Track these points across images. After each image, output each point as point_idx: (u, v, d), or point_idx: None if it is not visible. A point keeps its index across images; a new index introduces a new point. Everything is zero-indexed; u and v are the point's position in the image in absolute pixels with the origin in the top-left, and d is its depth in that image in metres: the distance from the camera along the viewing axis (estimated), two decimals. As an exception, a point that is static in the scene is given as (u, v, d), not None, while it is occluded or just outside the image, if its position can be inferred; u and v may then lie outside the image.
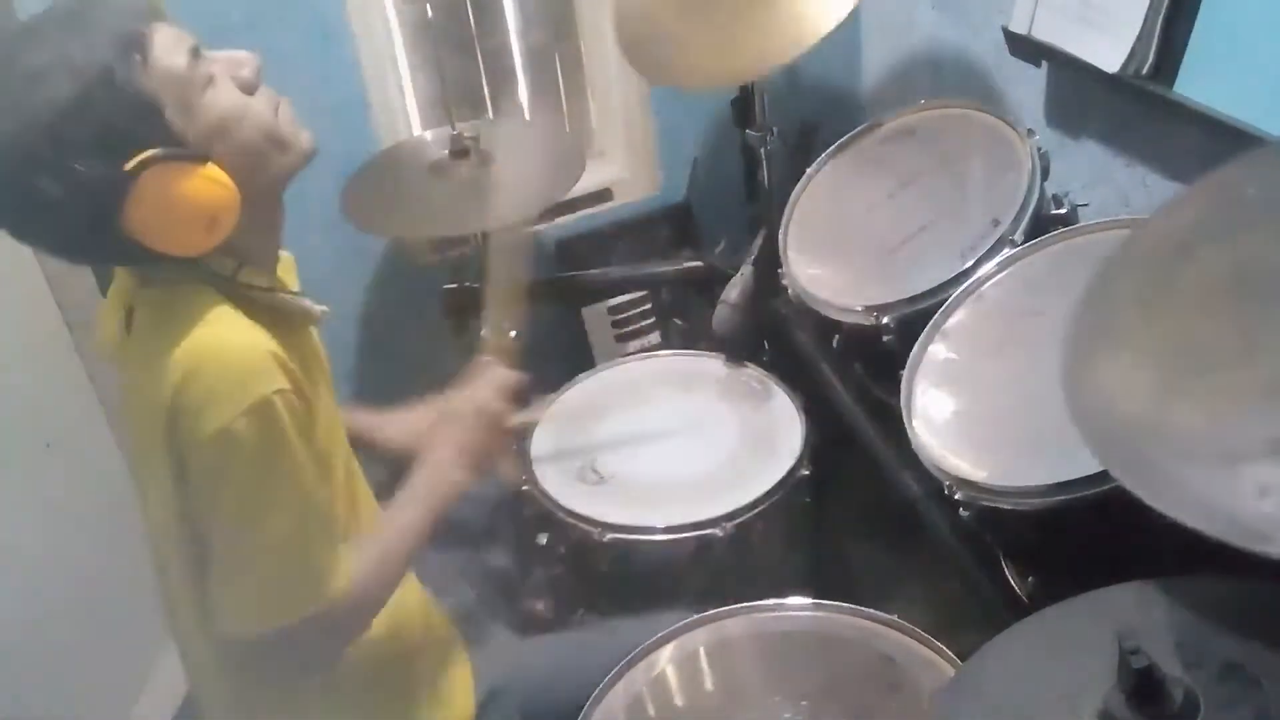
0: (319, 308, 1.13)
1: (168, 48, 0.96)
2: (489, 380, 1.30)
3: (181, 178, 0.95)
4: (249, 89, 1.03)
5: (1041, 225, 1.43)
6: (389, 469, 1.27)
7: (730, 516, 1.47)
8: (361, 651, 1.17)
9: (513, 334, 1.91)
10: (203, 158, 0.97)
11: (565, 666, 1.32)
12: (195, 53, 0.99)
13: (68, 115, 0.90)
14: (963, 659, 1.03)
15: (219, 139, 0.99)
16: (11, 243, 1.00)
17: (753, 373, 1.75)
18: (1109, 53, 1.41)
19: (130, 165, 0.92)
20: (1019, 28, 1.59)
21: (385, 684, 1.20)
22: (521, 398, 1.32)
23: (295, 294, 1.12)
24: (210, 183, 0.97)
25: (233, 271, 1.04)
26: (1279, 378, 0.78)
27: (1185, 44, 1.32)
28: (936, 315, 1.40)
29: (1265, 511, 0.70)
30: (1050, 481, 1.11)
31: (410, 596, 1.25)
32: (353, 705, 1.19)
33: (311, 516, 1.03)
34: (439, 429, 1.26)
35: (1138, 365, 0.88)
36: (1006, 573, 1.36)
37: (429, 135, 2.00)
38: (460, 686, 1.28)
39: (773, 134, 1.86)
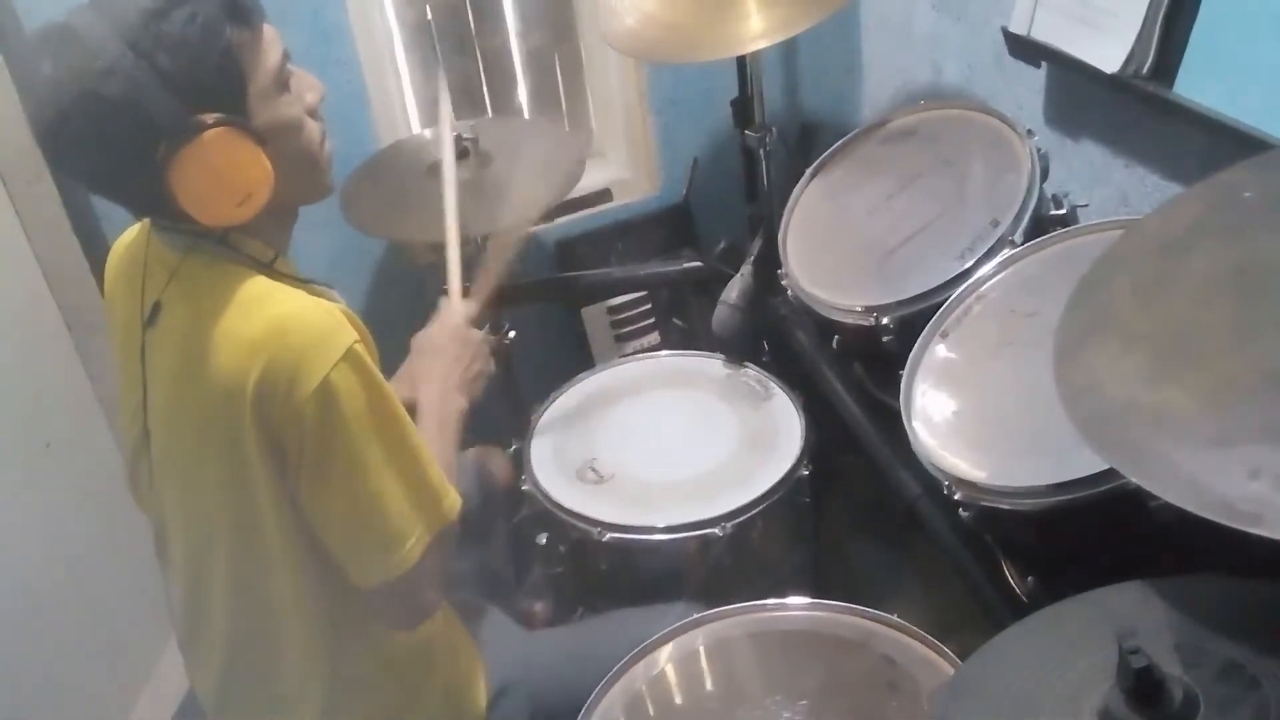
0: (339, 300, 1.15)
1: (270, 41, 1.03)
2: (451, 308, 1.38)
3: (239, 148, 0.99)
4: (310, 112, 1.09)
5: (1041, 226, 1.43)
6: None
7: (730, 516, 1.47)
8: (372, 642, 1.18)
9: (511, 334, 1.91)
10: (262, 139, 1.01)
11: (574, 658, 1.34)
12: (285, 57, 1.06)
13: (169, 49, 0.94)
14: (963, 659, 1.03)
15: (275, 138, 1.03)
16: (11, 242, 1.00)
17: (753, 373, 1.75)
18: (1109, 53, 1.41)
19: (209, 119, 0.96)
20: (1019, 28, 1.59)
21: (400, 679, 1.21)
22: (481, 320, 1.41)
23: (325, 285, 1.14)
24: (259, 164, 1.01)
25: (271, 260, 1.08)
26: (1272, 365, 0.78)
27: (1185, 44, 1.32)
28: (936, 316, 1.40)
29: (1256, 492, 0.70)
30: (1050, 482, 1.11)
31: None
32: (370, 701, 1.19)
33: (418, 443, 1.09)
34: (420, 367, 1.31)
35: (1129, 351, 0.88)
36: (1006, 573, 1.36)
37: (428, 134, 2.00)
38: (472, 680, 1.29)
39: (773, 134, 1.86)
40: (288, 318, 1.01)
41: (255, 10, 1.02)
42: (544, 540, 1.57)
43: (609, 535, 1.47)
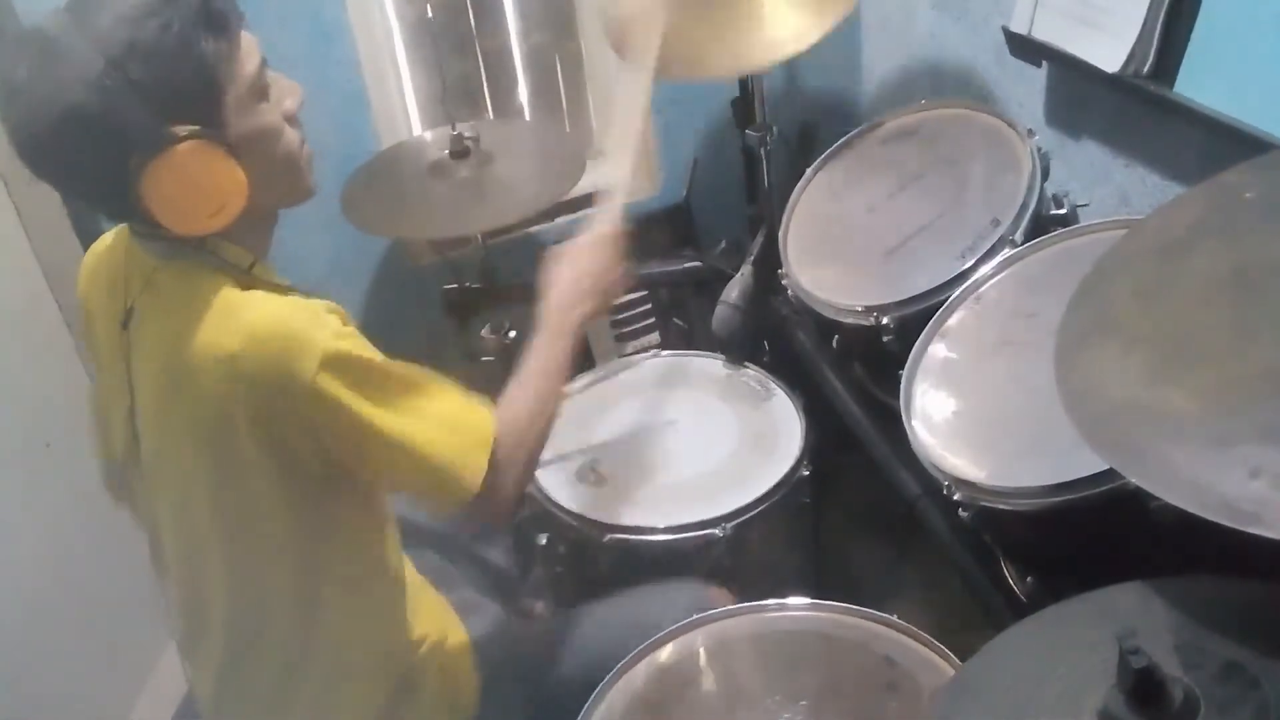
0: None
1: (248, 49, 1.02)
2: (601, 221, 1.36)
3: (212, 161, 0.98)
4: (289, 118, 1.08)
5: (1041, 225, 1.43)
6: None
7: (730, 516, 1.47)
8: (367, 640, 1.18)
9: (512, 334, 1.92)
10: (236, 150, 1.00)
11: (569, 646, 1.34)
12: (263, 64, 1.04)
13: (142, 59, 0.93)
14: (963, 659, 1.03)
15: (251, 146, 1.02)
16: (11, 242, 1.00)
17: (753, 373, 1.75)
18: (1109, 53, 1.41)
19: (182, 130, 0.95)
20: (1019, 28, 1.59)
21: (395, 673, 1.21)
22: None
23: (305, 293, 1.13)
24: (232, 176, 1.00)
25: (249, 265, 1.07)
26: (1272, 365, 0.78)
27: (1185, 44, 1.32)
28: (936, 315, 1.40)
29: (1256, 492, 0.70)
30: (1049, 482, 1.11)
31: (413, 586, 1.27)
32: (359, 693, 1.19)
33: (433, 387, 1.10)
34: (553, 269, 1.30)
35: (1130, 351, 0.88)
36: (1006, 573, 1.36)
37: (429, 135, 2.00)
38: (464, 672, 1.29)
39: (773, 134, 1.86)
40: (261, 325, 1.00)
41: (232, 18, 1.01)
42: (544, 541, 1.57)
43: (609, 536, 1.47)
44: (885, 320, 1.44)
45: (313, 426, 1.02)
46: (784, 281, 1.65)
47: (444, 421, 1.09)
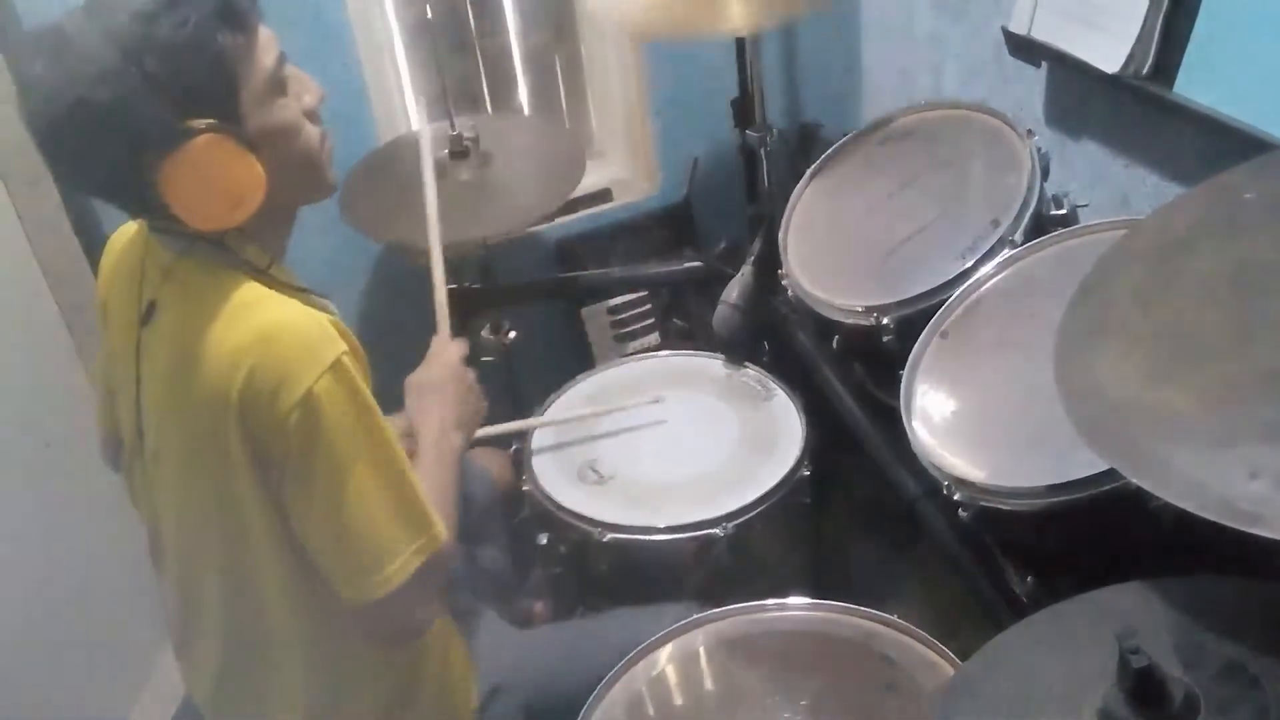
0: (333, 311, 1.14)
1: (265, 45, 1.03)
2: (444, 347, 1.37)
3: (229, 155, 0.98)
4: (308, 114, 1.08)
5: (1041, 226, 1.43)
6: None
7: (730, 516, 1.47)
8: (369, 650, 1.18)
9: (512, 334, 1.92)
10: (254, 145, 1.00)
11: (568, 660, 1.33)
12: (281, 59, 1.05)
13: (158, 54, 0.93)
14: (963, 659, 1.03)
15: (270, 143, 1.02)
16: (11, 242, 1.00)
17: (753, 373, 1.75)
18: (1109, 53, 1.41)
19: (199, 125, 0.96)
20: (1019, 28, 1.59)
21: (392, 681, 1.21)
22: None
23: (322, 295, 1.13)
24: (249, 170, 1.00)
25: (266, 265, 1.07)
26: (1272, 365, 0.78)
27: (1185, 44, 1.32)
28: (936, 316, 1.40)
29: (1256, 492, 0.70)
30: (1050, 482, 1.11)
31: None
32: (362, 702, 1.19)
33: (404, 465, 1.07)
34: (417, 407, 1.30)
35: (1130, 352, 0.89)
36: (1006, 573, 1.36)
37: (429, 128, 2.00)
38: (464, 681, 1.29)
39: (773, 134, 1.86)
40: (275, 326, 1.01)
41: (250, 13, 1.01)
42: (544, 541, 1.57)
43: (609, 536, 1.47)
44: (885, 320, 1.44)
45: (282, 442, 1.00)
46: (784, 281, 1.65)
47: (401, 499, 1.05)
